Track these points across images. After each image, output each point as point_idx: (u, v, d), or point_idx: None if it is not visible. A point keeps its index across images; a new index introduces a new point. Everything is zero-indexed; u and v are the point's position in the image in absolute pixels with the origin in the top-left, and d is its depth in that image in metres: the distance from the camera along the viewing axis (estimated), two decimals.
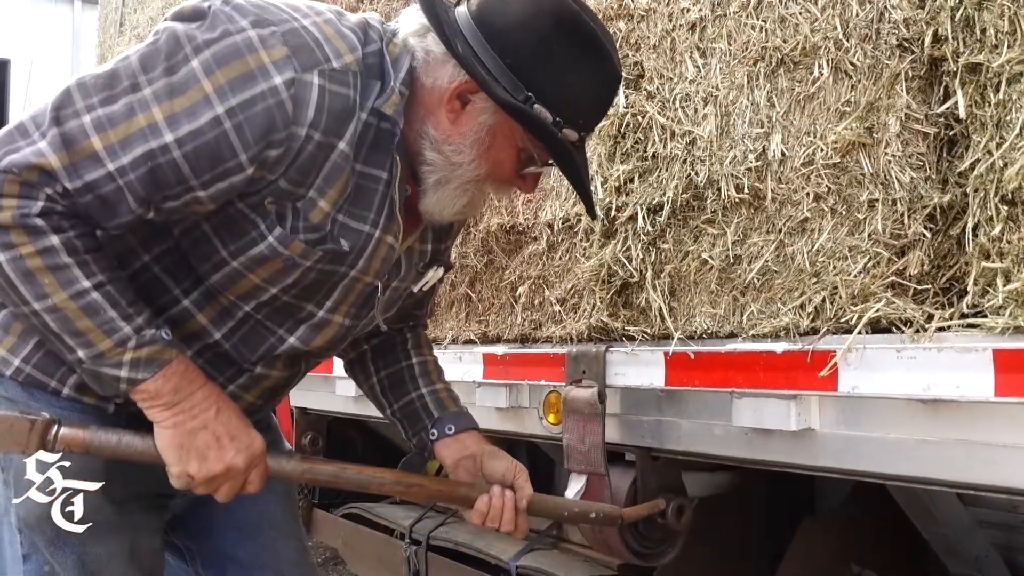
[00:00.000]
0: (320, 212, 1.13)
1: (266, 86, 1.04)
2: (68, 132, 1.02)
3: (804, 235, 1.49)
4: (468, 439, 1.44)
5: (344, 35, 1.11)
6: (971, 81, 1.29)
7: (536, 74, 1.13)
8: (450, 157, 1.18)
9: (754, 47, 1.57)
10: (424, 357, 1.52)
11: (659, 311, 1.70)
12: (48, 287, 1.05)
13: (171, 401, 1.12)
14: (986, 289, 1.26)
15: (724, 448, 1.61)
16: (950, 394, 1.22)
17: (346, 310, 1.27)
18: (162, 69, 1.04)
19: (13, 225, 1.02)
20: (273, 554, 1.47)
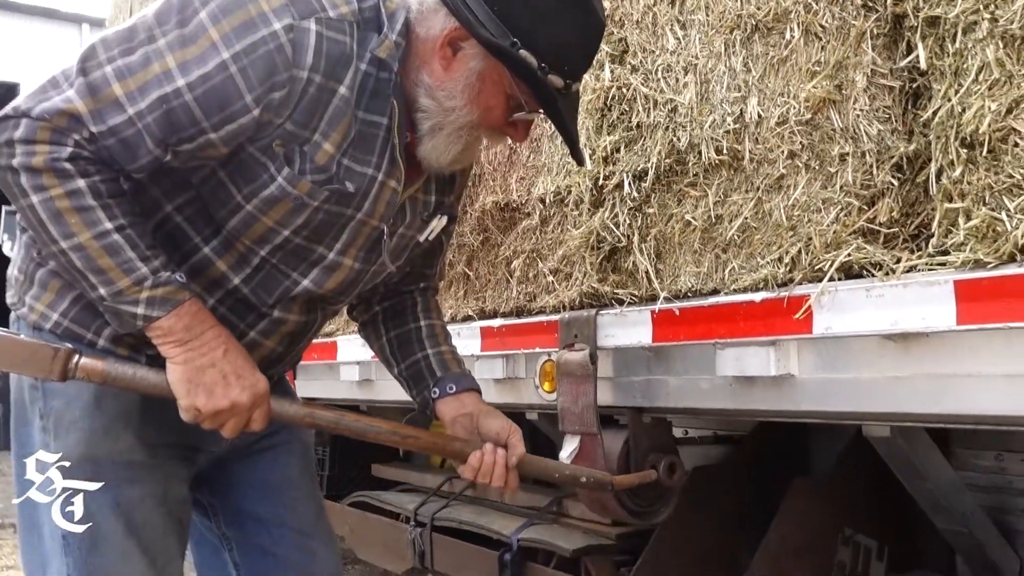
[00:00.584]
0: (325, 154, 1.21)
1: (266, 31, 1.13)
2: (93, 81, 1.12)
3: (780, 191, 1.56)
4: (467, 398, 1.51)
5: None
6: (931, 34, 1.37)
7: (522, 21, 1.20)
8: (443, 103, 1.25)
9: (730, 16, 1.64)
10: (432, 321, 1.59)
11: (646, 273, 1.77)
12: (74, 226, 1.14)
13: (183, 339, 1.20)
14: (949, 229, 1.32)
15: (710, 401, 1.67)
16: (916, 327, 1.28)
17: (355, 253, 1.34)
18: (175, 22, 1.13)
19: (45, 168, 1.12)
20: (291, 512, 1.53)
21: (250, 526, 1.52)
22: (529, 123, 1.34)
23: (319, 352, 2.90)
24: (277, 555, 1.52)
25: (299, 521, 1.54)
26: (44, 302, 1.31)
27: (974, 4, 1.29)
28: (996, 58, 1.25)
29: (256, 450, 1.52)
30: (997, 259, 1.23)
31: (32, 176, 1.12)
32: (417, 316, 1.59)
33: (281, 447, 1.55)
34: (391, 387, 2.62)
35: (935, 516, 1.93)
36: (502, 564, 2.34)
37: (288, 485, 1.55)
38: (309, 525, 1.55)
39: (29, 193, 1.14)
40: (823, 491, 2.07)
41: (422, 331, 1.57)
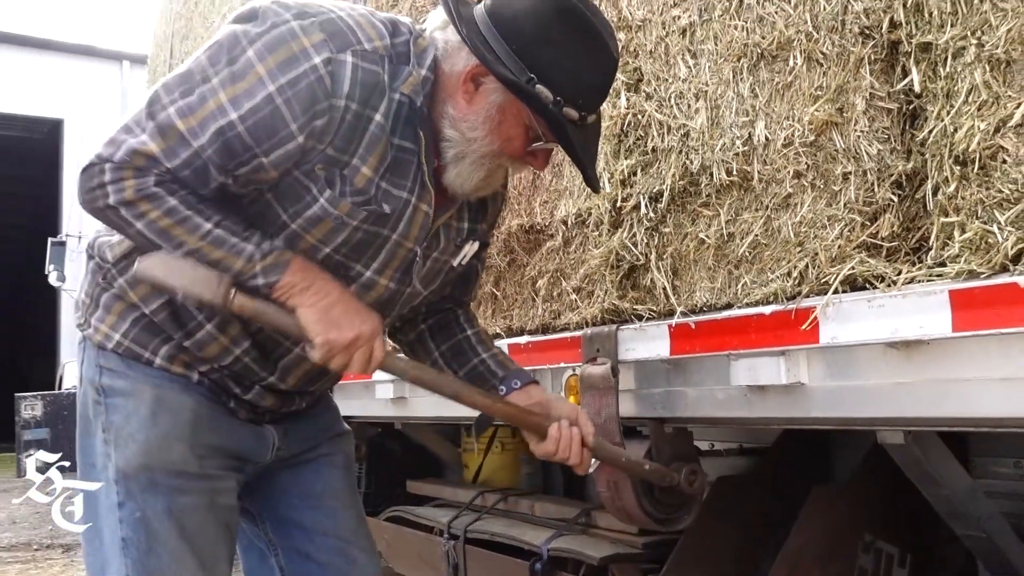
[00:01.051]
0: (363, 177, 1.33)
1: (307, 65, 1.25)
2: (160, 123, 1.26)
3: (788, 209, 1.65)
4: (533, 390, 1.62)
5: (375, 25, 1.32)
6: (924, 59, 1.45)
7: (538, 58, 1.30)
8: (465, 133, 1.36)
9: (737, 45, 1.74)
10: (476, 328, 1.71)
11: (663, 289, 1.86)
12: (181, 236, 1.29)
13: (304, 287, 1.33)
14: (946, 242, 1.40)
15: (727, 410, 1.75)
16: (915, 334, 1.36)
17: (391, 274, 1.45)
18: (225, 61, 1.27)
19: (138, 198, 1.27)
20: (333, 520, 1.62)
21: (295, 533, 1.61)
22: (548, 152, 1.44)
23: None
24: (320, 561, 1.60)
25: (341, 529, 1.62)
26: (108, 324, 1.44)
27: (962, 31, 1.37)
28: (983, 80, 1.34)
29: (301, 462, 1.61)
30: (990, 269, 1.30)
31: (129, 208, 1.27)
32: (463, 326, 1.70)
33: (324, 459, 1.64)
34: (424, 404, 2.73)
35: (953, 522, 1.97)
36: (533, 573, 2.42)
37: (331, 495, 1.64)
38: (350, 532, 1.64)
39: (133, 222, 1.29)
40: (843, 498, 2.12)
41: (471, 339, 1.68)
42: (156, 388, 1.41)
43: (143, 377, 1.41)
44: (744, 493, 2.27)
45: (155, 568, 1.39)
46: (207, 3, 5.00)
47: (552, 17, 1.31)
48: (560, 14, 1.32)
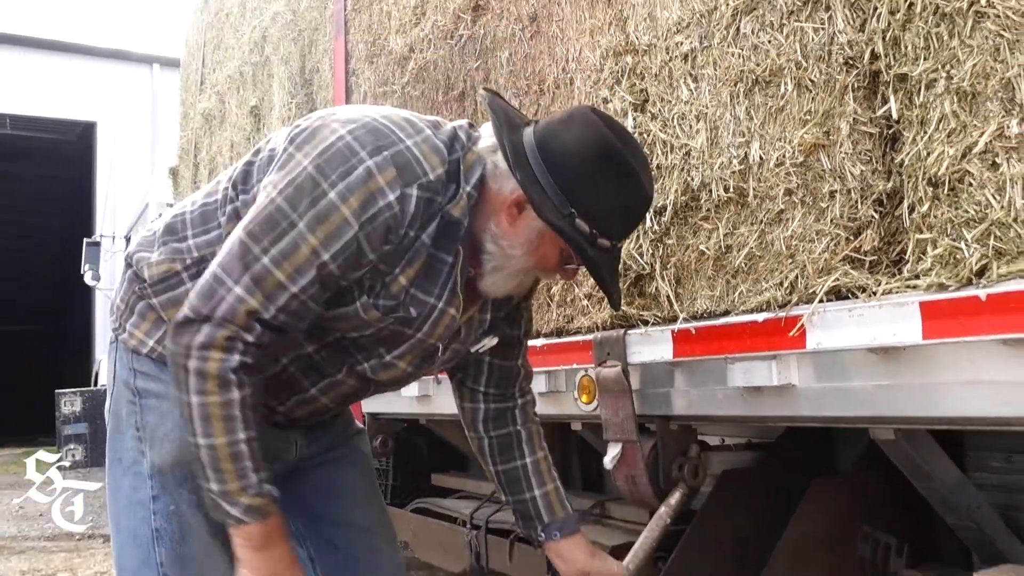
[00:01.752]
0: (399, 285, 1.43)
1: (383, 203, 1.34)
2: (256, 274, 1.33)
3: (780, 224, 1.78)
4: (575, 546, 1.76)
5: (438, 150, 1.40)
6: (901, 88, 1.58)
7: (580, 194, 1.39)
8: (506, 250, 1.46)
9: (734, 71, 1.87)
10: (536, 456, 1.79)
11: (667, 297, 2.01)
12: (216, 430, 1.34)
13: (258, 545, 1.38)
14: (920, 257, 1.53)
15: (725, 409, 1.89)
16: (889, 341, 1.49)
17: (410, 359, 1.55)
18: (306, 204, 1.33)
19: (214, 375, 1.32)
20: (356, 513, 1.76)
21: (321, 526, 1.74)
22: (577, 268, 1.54)
23: None
24: (345, 550, 1.74)
25: (364, 521, 1.76)
26: (142, 330, 1.53)
27: (934, 64, 1.50)
28: (952, 110, 1.47)
29: (323, 461, 1.74)
30: (957, 282, 1.43)
31: (200, 380, 1.32)
32: (523, 451, 1.79)
33: (343, 459, 1.78)
34: (448, 401, 2.88)
35: (944, 512, 2.09)
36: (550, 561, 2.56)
37: (352, 490, 1.77)
38: (373, 524, 1.78)
39: (192, 393, 1.33)
40: (841, 491, 2.24)
41: (528, 468, 1.78)
42: None
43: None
44: (749, 485, 2.40)
45: (188, 556, 1.49)
46: (238, 15, 5.19)
47: (595, 158, 1.40)
48: (602, 156, 1.40)
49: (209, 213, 1.53)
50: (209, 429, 1.34)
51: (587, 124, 1.43)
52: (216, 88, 5.45)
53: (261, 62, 4.76)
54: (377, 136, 1.37)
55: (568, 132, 1.42)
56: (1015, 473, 2.25)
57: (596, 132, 1.42)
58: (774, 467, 2.45)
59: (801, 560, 2.14)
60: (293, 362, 1.52)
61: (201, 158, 5.75)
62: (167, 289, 1.51)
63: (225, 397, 1.33)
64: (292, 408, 1.59)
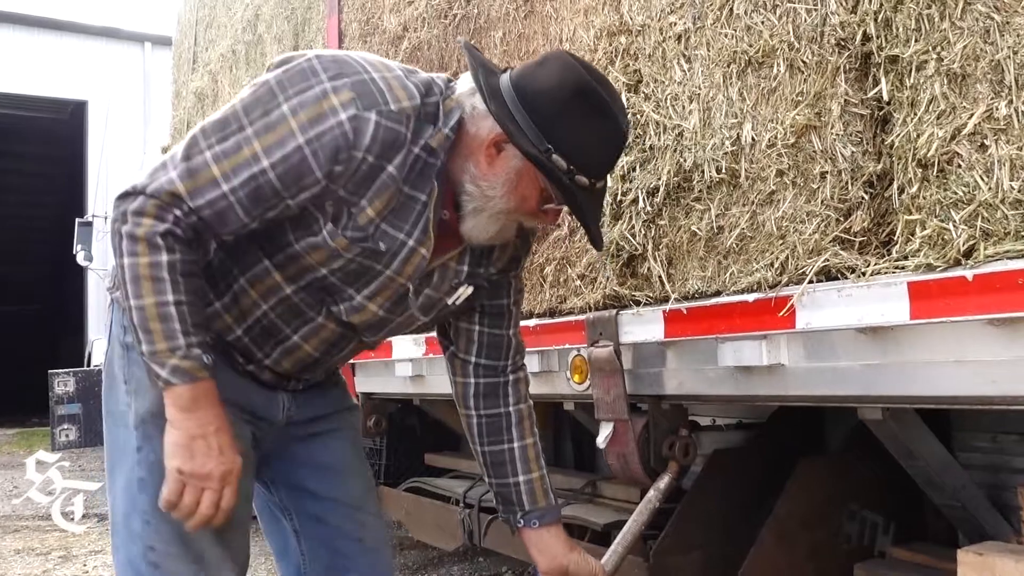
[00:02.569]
0: (366, 217, 1.45)
1: (334, 121, 1.36)
2: (193, 165, 1.38)
3: (772, 205, 1.79)
4: (553, 537, 1.75)
5: (407, 87, 1.42)
6: (892, 70, 1.59)
7: (555, 131, 1.41)
8: (485, 191, 1.47)
9: (727, 52, 1.88)
10: (525, 442, 1.77)
11: (659, 277, 2.02)
12: (145, 290, 1.39)
13: (185, 407, 1.41)
14: (909, 238, 1.55)
15: (716, 388, 1.91)
16: (877, 321, 1.51)
17: (380, 302, 1.56)
18: (260, 112, 1.38)
19: (142, 238, 1.39)
20: (343, 488, 1.77)
21: (307, 499, 1.76)
22: (559, 211, 1.56)
23: (376, 351, 3.19)
24: (331, 523, 1.75)
25: (350, 496, 1.77)
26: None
27: (924, 46, 1.51)
28: (942, 92, 1.48)
29: (310, 434, 1.74)
30: (945, 263, 1.45)
31: (131, 243, 1.39)
32: (512, 435, 1.76)
33: (332, 432, 1.78)
34: (442, 381, 2.91)
35: (930, 492, 2.12)
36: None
37: (340, 465, 1.78)
38: (359, 499, 1.78)
39: (125, 255, 1.40)
40: (828, 469, 2.27)
41: (515, 452, 1.75)
42: None
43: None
44: (738, 464, 2.42)
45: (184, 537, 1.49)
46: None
47: (569, 95, 1.42)
48: (577, 93, 1.43)
49: None
50: (139, 290, 1.39)
51: (562, 64, 1.46)
52: (209, 67, 5.42)
53: (254, 41, 4.74)
54: (342, 66, 1.41)
55: (543, 72, 1.45)
56: (1000, 453, 2.28)
57: (571, 71, 1.44)
58: (764, 447, 2.48)
59: (788, 538, 2.17)
60: (274, 307, 1.55)
61: None
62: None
63: (153, 258, 1.38)
64: (278, 359, 1.60)
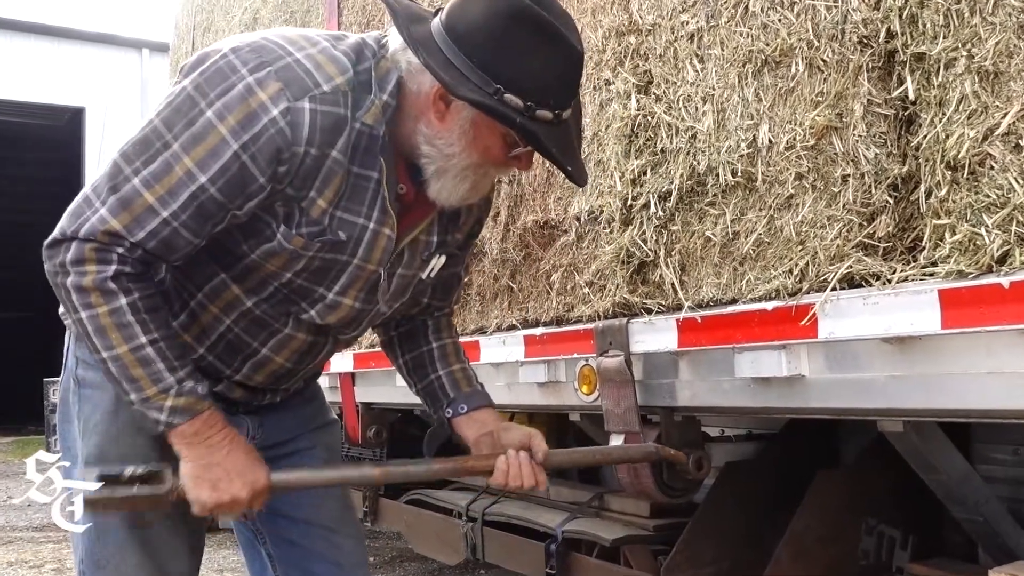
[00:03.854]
0: (319, 208, 1.34)
1: (267, 119, 1.25)
2: (124, 196, 1.27)
3: (790, 209, 1.72)
4: (483, 416, 1.62)
5: (336, 59, 1.30)
6: (918, 68, 1.52)
7: (500, 67, 1.27)
8: (443, 149, 1.35)
9: (742, 51, 1.81)
10: (443, 341, 1.69)
11: (672, 285, 1.95)
12: (114, 340, 1.30)
13: (193, 441, 1.35)
14: (937, 243, 1.47)
15: (731, 400, 1.84)
16: (906, 330, 1.44)
17: (355, 294, 1.46)
18: (183, 124, 1.26)
19: (92, 288, 1.29)
20: (318, 510, 1.66)
21: (280, 522, 1.66)
22: (531, 153, 1.42)
23: (376, 360, 3.12)
24: (306, 547, 1.65)
25: (325, 518, 1.67)
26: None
27: (953, 42, 1.44)
28: (973, 90, 1.41)
29: (282, 455, 1.63)
30: (977, 270, 1.38)
31: (82, 295, 1.28)
32: (428, 339, 1.69)
33: (305, 452, 1.68)
34: None
35: (951, 506, 2.05)
36: (548, 554, 2.52)
37: (329, 520, 1.66)
38: (335, 521, 1.68)
39: (79, 309, 1.30)
40: (846, 483, 2.21)
41: (433, 352, 1.68)
42: None
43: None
44: (752, 478, 2.36)
45: (100, 556, 1.45)
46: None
47: (505, 22, 1.28)
48: (513, 18, 1.28)
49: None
50: (107, 341, 1.30)
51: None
52: None
53: None
54: (261, 53, 1.29)
55: (473, 5, 1.30)
56: (1022, 466, 2.21)
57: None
58: (777, 460, 2.42)
59: (805, 554, 2.10)
60: (236, 321, 1.46)
61: None
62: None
63: (111, 305, 1.29)
64: (249, 374, 1.51)
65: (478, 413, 1.62)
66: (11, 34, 14.62)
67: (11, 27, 14.62)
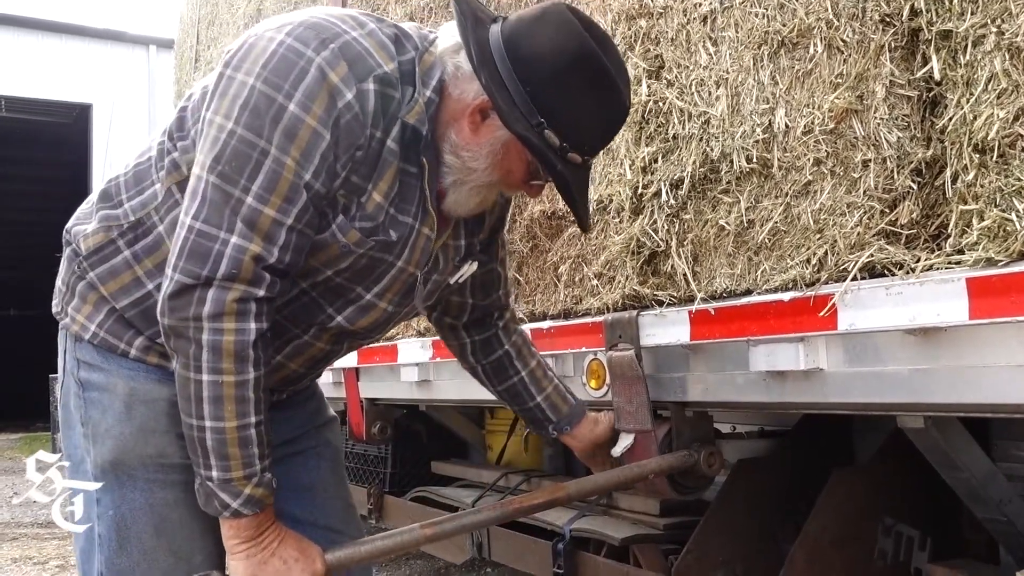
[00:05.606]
0: (374, 203, 1.29)
1: (343, 103, 1.21)
2: (247, 217, 1.19)
3: (808, 196, 1.66)
4: (581, 429, 1.82)
5: (384, 45, 1.26)
6: (944, 47, 1.45)
7: (550, 103, 1.25)
8: (467, 163, 1.32)
9: (758, 32, 1.74)
10: (529, 367, 1.76)
11: (684, 276, 1.88)
12: (227, 413, 1.22)
13: (249, 536, 1.29)
14: (964, 230, 1.41)
15: (746, 395, 1.77)
16: (932, 321, 1.37)
17: (391, 297, 1.41)
18: (270, 124, 1.19)
19: (231, 352, 1.19)
20: (322, 511, 1.62)
21: (285, 522, 1.58)
22: (543, 184, 1.41)
23: (381, 355, 3.06)
24: None
25: (330, 519, 1.62)
26: (84, 314, 1.40)
27: (982, 18, 1.37)
28: (1003, 69, 1.34)
29: (287, 454, 1.59)
30: (1008, 257, 1.31)
31: (215, 357, 1.19)
32: (516, 367, 1.75)
33: (310, 451, 1.64)
34: (449, 387, 2.77)
35: (973, 505, 1.99)
36: (555, 553, 2.46)
37: (319, 486, 1.63)
38: (339, 522, 1.64)
39: (205, 371, 1.20)
40: (862, 482, 2.14)
41: (525, 381, 1.75)
42: (130, 381, 1.38)
43: (118, 370, 1.38)
44: (764, 475, 2.29)
45: (124, 567, 1.38)
46: None
47: (570, 63, 1.26)
48: (578, 60, 1.26)
49: (143, 172, 1.39)
50: (220, 411, 1.22)
51: (562, 23, 1.27)
52: (211, 65, 5.31)
53: None
54: (319, 30, 1.23)
55: (541, 32, 1.27)
56: None
57: (572, 33, 1.26)
58: (790, 457, 2.35)
59: (820, 555, 2.04)
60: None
61: None
62: (102, 260, 1.38)
63: (241, 376, 1.22)
64: None
65: (579, 427, 1.82)
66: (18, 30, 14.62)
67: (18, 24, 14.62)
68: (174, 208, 1.32)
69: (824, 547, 2.04)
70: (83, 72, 14.90)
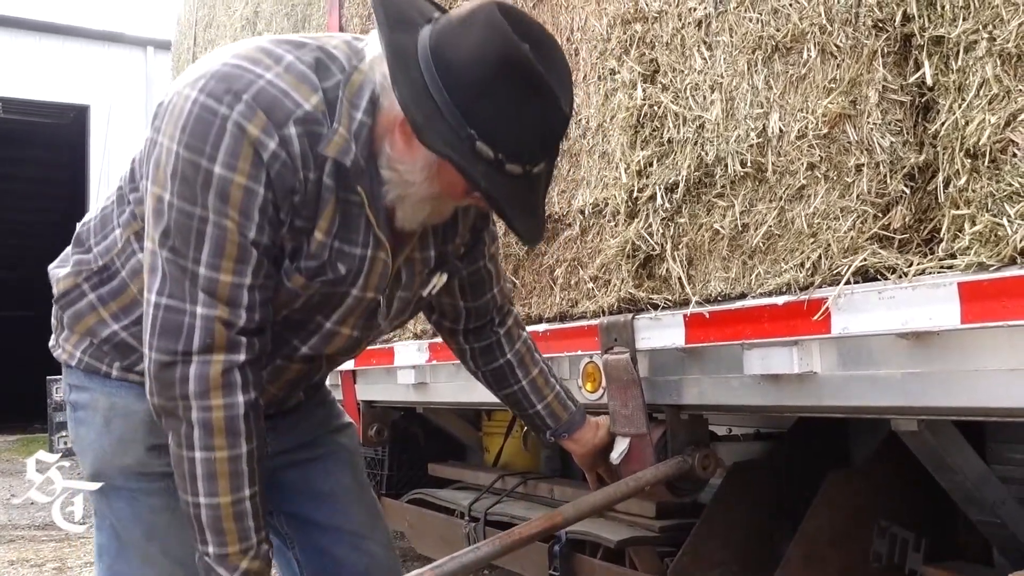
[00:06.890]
0: (316, 242, 1.26)
1: (267, 154, 1.18)
2: (206, 287, 1.20)
3: (802, 201, 1.66)
4: (581, 435, 1.83)
5: (306, 78, 1.21)
6: (936, 52, 1.46)
7: (479, 113, 1.17)
8: (403, 175, 1.26)
9: (752, 37, 1.75)
10: (530, 375, 1.73)
11: (679, 279, 1.89)
12: (221, 488, 1.22)
13: None
14: (956, 234, 1.41)
15: (740, 398, 1.78)
16: (924, 325, 1.38)
17: (353, 322, 1.40)
18: (201, 190, 1.18)
19: (221, 428, 1.21)
20: (346, 517, 1.62)
21: (309, 529, 1.62)
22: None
23: (378, 357, 3.07)
24: (336, 556, 1.60)
25: (354, 525, 1.62)
26: (71, 343, 1.44)
27: (974, 24, 1.38)
28: (995, 74, 1.35)
29: (304, 459, 1.60)
30: (999, 262, 1.32)
31: (206, 434, 1.20)
32: (517, 376, 1.72)
33: (328, 456, 1.63)
34: (445, 389, 2.78)
35: (967, 507, 1.99)
36: (552, 555, 2.47)
37: (340, 491, 1.63)
38: (365, 528, 1.63)
39: (197, 448, 1.21)
40: (858, 484, 2.15)
41: (525, 389, 1.73)
42: (111, 397, 1.41)
43: (100, 388, 1.41)
44: (760, 478, 2.30)
45: (124, 573, 1.41)
46: None
47: (495, 69, 1.17)
48: (504, 65, 1.17)
49: (107, 217, 1.42)
50: (214, 487, 1.22)
51: (489, 26, 1.17)
52: None
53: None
54: (230, 82, 1.19)
55: (466, 35, 1.18)
56: None
57: (499, 36, 1.16)
58: (786, 459, 2.36)
59: (815, 557, 2.05)
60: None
61: None
62: (69, 304, 1.43)
63: (234, 451, 1.22)
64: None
65: (577, 434, 1.82)
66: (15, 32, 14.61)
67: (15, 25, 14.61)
68: (132, 256, 1.36)
69: (820, 549, 2.05)
70: (80, 73, 14.89)
